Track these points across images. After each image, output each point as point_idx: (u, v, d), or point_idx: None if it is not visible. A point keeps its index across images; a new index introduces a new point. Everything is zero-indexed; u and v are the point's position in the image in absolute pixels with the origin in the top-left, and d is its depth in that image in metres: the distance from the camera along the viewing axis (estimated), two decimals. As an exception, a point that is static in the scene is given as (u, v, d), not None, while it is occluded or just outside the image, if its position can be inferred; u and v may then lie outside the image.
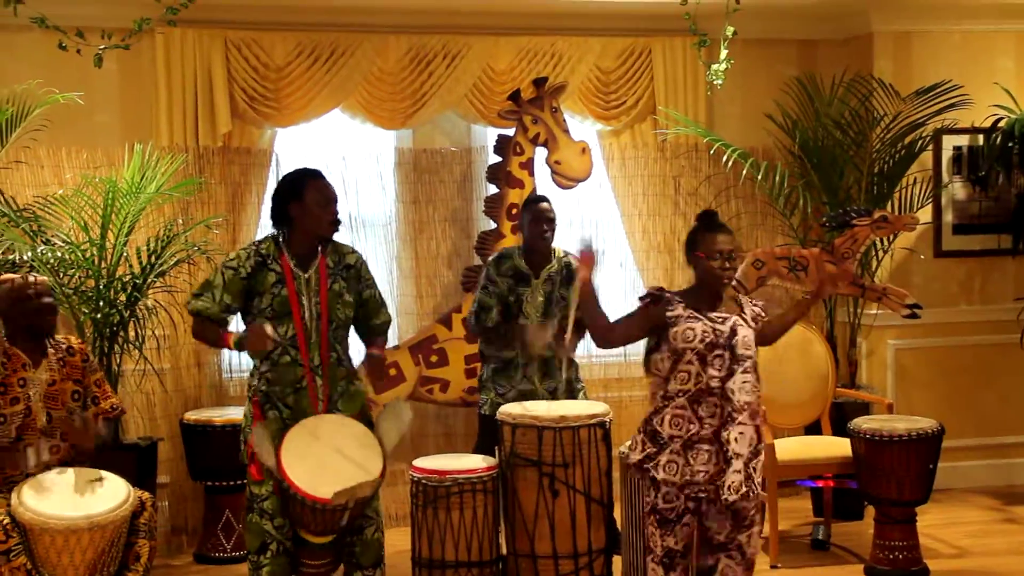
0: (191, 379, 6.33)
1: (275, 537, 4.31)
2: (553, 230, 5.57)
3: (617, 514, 5.38)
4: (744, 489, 3.81)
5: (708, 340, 3.79)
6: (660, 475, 3.82)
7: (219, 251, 6.02)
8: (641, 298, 4.01)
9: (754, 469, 3.85)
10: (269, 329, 4.18)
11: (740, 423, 3.80)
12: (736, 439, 3.79)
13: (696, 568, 3.97)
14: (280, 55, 6.42)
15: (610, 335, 3.97)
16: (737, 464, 3.79)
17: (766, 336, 4.08)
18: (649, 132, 6.93)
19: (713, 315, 3.84)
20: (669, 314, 3.87)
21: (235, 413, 5.70)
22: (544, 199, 5.68)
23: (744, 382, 3.81)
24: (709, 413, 3.80)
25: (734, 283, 4.01)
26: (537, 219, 5.54)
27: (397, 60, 6.59)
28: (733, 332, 3.80)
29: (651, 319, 3.92)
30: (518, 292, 5.53)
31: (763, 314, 4.02)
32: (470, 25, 6.67)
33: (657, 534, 3.87)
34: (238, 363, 6.39)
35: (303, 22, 6.49)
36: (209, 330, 4.36)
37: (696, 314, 3.83)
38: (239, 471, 4.56)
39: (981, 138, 7.03)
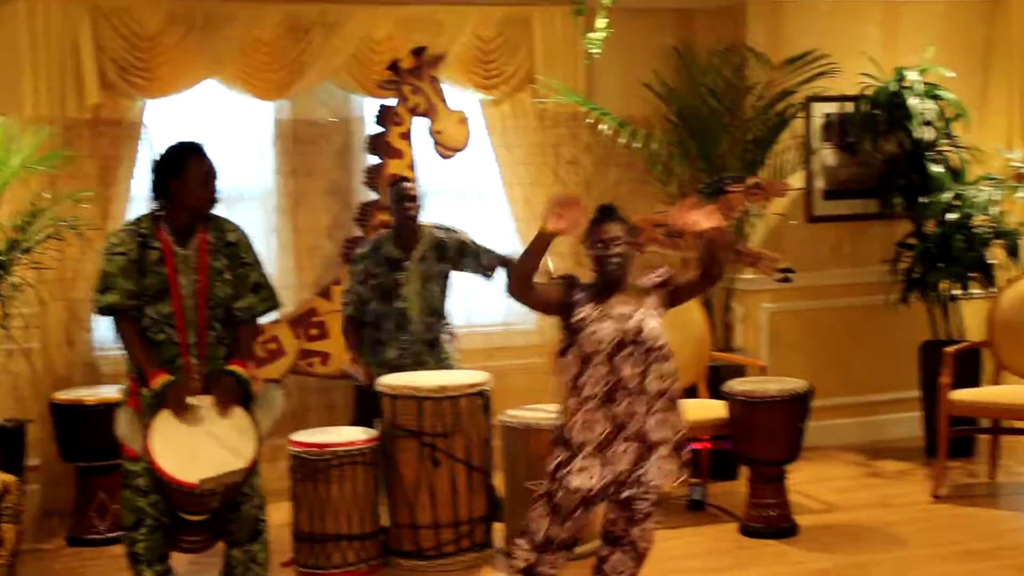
0: (62, 358, 6.19)
1: (150, 513, 4.26)
2: (417, 207, 5.58)
3: (498, 482, 5.46)
4: (681, 476, 3.86)
5: (616, 340, 3.80)
6: (575, 483, 3.77)
7: (89, 226, 5.88)
8: (553, 279, 4.03)
9: (685, 453, 3.88)
10: (191, 401, 4.16)
11: (657, 411, 3.81)
12: (656, 427, 3.82)
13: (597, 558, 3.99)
14: (151, 24, 6.28)
15: (528, 289, 3.91)
16: (663, 451, 3.83)
17: (689, 288, 4.02)
18: (529, 102, 6.95)
19: (619, 313, 3.85)
20: (577, 309, 3.86)
21: (108, 392, 5.59)
22: (406, 178, 5.72)
23: (658, 373, 3.84)
24: (625, 409, 3.79)
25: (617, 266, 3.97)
26: (400, 198, 5.57)
27: (273, 29, 6.49)
28: (639, 328, 3.83)
29: (559, 295, 3.92)
30: (395, 277, 5.55)
31: (665, 277, 3.98)
32: (348, -6, 6.61)
33: (546, 521, 3.86)
34: (111, 339, 6.24)
35: (175, -10, 6.36)
36: (137, 347, 4.22)
37: (605, 313, 3.82)
38: (113, 451, 4.48)
39: (850, 106, 7.22)
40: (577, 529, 3.88)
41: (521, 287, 3.86)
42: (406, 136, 6.50)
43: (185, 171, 4.22)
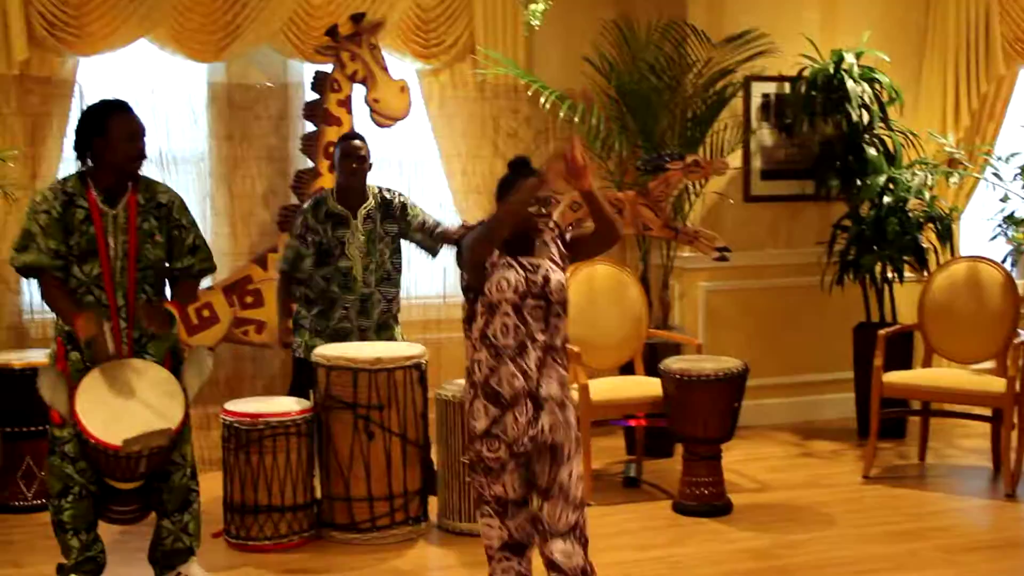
0: (-13, 321, 6.03)
1: (77, 481, 4.17)
2: (364, 168, 5.49)
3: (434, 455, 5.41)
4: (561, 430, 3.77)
5: (522, 290, 3.70)
6: (508, 437, 3.63)
7: (17, 186, 5.73)
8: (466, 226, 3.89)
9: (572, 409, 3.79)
10: (106, 326, 4.08)
11: (551, 366, 3.69)
12: (545, 384, 3.73)
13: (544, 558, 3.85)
14: (82, -21, 6.10)
15: (491, 252, 3.77)
16: (551, 405, 3.75)
17: (587, 242, 3.84)
18: (468, 72, 6.88)
19: (526, 262, 3.75)
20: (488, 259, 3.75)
21: (36, 356, 5.45)
22: (356, 136, 5.60)
23: (557, 328, 3.75)
24: (532, 363, 3.64)
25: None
26: (346, 155, 5.47)
27: (209, -11, 6.35)
28: (546, 280, 3.73)
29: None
30: (337, 235, 5.44)
31: (564, 229, 3.83)
32: (286, -44, 6.47)
33: (485, 482, 3.76)
34: (39, 303, 6.08)
35: (107, -54, 6.17)
36: (60, 299, 4.13)
37: (511, 261, 3.73)
38: (40, 416, 4.38)
39: (788, 86, 7.25)
40: (519, 482, 3.71)
41: (489, 250, 3.66)
42: (344, 103, 6.39)
43: (109, 129, 4.14)
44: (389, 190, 5.60)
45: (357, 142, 5.53)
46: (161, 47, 6.34)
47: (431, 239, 5.59)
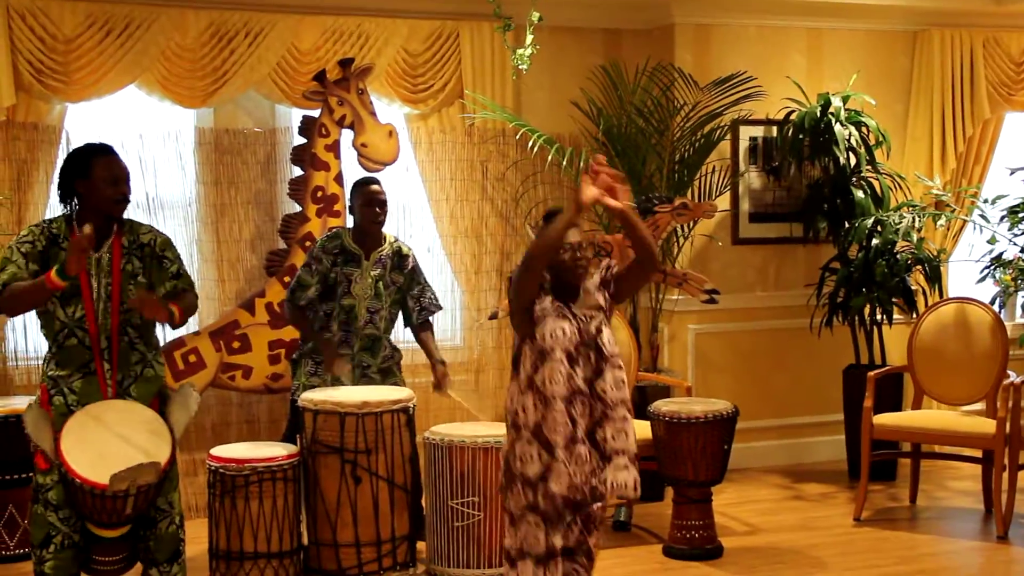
0: (-28, 368, 5.98)
1: (60, 530, 4.11)
2: (385, 213, 5.49)
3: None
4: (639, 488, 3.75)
5: (576, 340, 3.69)
6: (555, 488, 3.63)
7: (2, 232, 5.69)
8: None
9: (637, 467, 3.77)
10: (87, 228, 3.94)
11: (615, 419, 3.68)
12: (613, 436, 3.70)
13: None
14: (69, 26, 6.10)
15: (536, 290, 3.74)
16: (621, 460, 3.70)
17: (628, 277, 3.86)
18: (457, 116, 6.91)
19: (580, 313, 3.73)
20: (537, 302, 3.73)
21: (20, 403, 5.39)
22: (375, 180, 5.59)
23: (616, 379, 3.73)
24: (580, 413, 3.66)
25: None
26: (370, 202, 5.45)
27: (196, 36, 6.36)
28: (598, 331, 3.73)
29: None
30: (346, 272, 5.42)
31: (606, 275, 3.84)
32: (273, 3, 6.49)
33: (541, 532, 3.71)
34: (24, 350, 6.05)
35: (93, -8, 6.19)
36: (25, 288, 4.01)
37: (565, 311, 3.72)
38: (24, 464, 4.32)
39: (775, 130, 7.29)
40: (574, 535, 3.73)
41: (533, 290, 3.67)
42: (332, 148, 6.39)
43: (92, 171, 4.15)
44: (407, 245, 5.62)
45: (377, 187, 5.51)
46: (149, 93, 6.35)
47: (418, 310, 5.61)
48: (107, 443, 4.03)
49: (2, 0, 5.95)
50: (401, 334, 5.81)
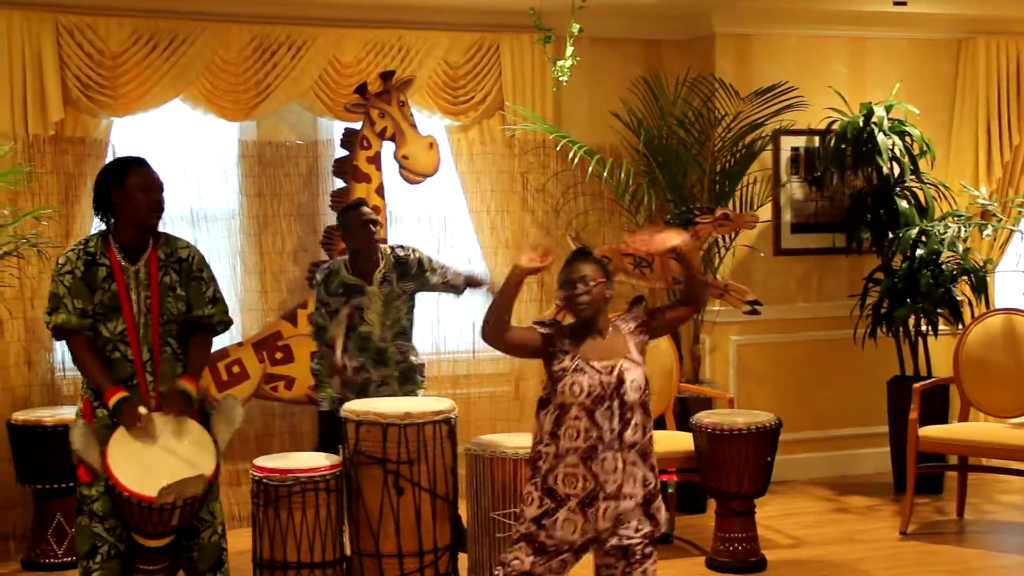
0: (20, 378, 6.04)
1: (106, 540, 4.15)
2: (379, 229, 5.45)
3: (463, 511, 5.36)
4: (646, 529, 3.74)
5: (596, 394, 3.69)
6: (558, 533, 3.65)
7: (50, 244, 5.78)
8: (536, 323, 3.88)
9: (655, 509, 3.77)
10: (143, 410, 4.09)
11: (629, 463, 3.67)
12: (627, 481, 3.69)
13: None
14: (115, 42, 6.19)
15: (503, 334, 3.81)
16: (628, 503, 3.68)
17: (671, 317, 3.88)
18: (497, 128, 6.93)
19: (599, 365, 3.71)
20: (559, 357, 3.72)
21: (67, 413, 5.46)
22: (362, 202, 5.55)
23: (635, 426, 3.73)
24: (605, 467, 3.63)
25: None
26: (363, 224, 5.35)
27: (240, 50, 6.43)
28: (620, 380, 3.72)
29: (537, 343, 3.81)
30: (355, 304, 5.42)
31: (643, 318, 3.84)
32: (314, 16, 6.55)
33: (528, 560, 3.73)
34: (71, 360, 6.12)
35: (140, 8, 6.27)
36: (91, 368, 4.15)
37: (584, 364, 3.69)
38: (71, 473, 4.37)
39: (817, 139, 7.24)
40: (563, 570, 3.74)
41: (496, 332, 3.73)
42: (374, 160, 6.43)
43: (126, 181, 4.19)
44: (403, 247, 5.53)
45: (365, 207, 5.45)
46: (193, 107, 6.43)
47: (451, 284, 5.56)
48: (154, 455, 4.08)
49: (51, 17, 6.05)
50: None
